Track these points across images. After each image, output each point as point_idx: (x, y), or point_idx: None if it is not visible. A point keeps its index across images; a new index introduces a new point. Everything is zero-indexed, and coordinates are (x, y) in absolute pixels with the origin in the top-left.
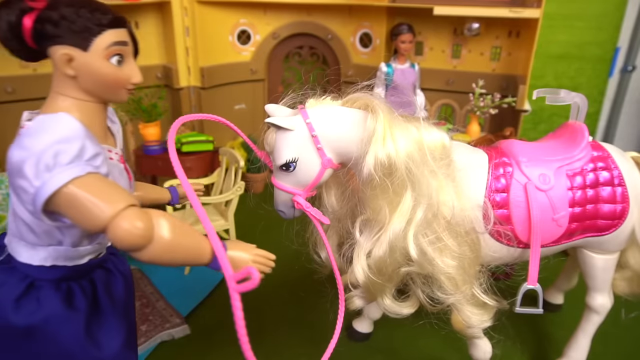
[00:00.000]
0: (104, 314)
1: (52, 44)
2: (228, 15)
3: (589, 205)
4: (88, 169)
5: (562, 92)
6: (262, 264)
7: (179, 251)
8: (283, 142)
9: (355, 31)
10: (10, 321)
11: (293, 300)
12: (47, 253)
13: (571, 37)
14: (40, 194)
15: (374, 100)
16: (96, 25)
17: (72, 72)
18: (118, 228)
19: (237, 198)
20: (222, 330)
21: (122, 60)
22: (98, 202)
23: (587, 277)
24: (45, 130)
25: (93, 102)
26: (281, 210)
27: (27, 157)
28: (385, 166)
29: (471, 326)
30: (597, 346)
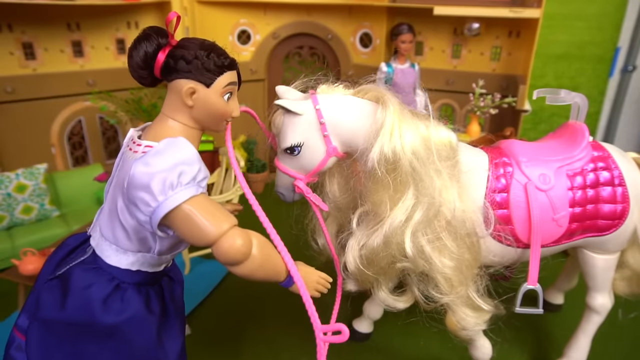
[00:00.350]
0: (170, 321)
1: (179, 77)
2: (228, 15)
3: (589, 205)
4: (200, 190)
5: (562, 92)
6: (323, 285)
7: (267, 268)
8: (290, 125)
9: (355, 31)
10: (97, 319)
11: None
12: (135, 258)
13: (571, 37)
14: (162, 208)
15: (386, 94)
16: (220, 67)
17: (192, 103)
18: (225, 244)
19: (237, 198)
20: (222, 331)
21: (230, 97)
22: (207, 221)
23: (587, 277)
24: (170, 152)
25: (197, 129)
26: (281, 193)
27: (155, 173)
28: (389, 161)
29: (465, 328)
30: (597, 346)
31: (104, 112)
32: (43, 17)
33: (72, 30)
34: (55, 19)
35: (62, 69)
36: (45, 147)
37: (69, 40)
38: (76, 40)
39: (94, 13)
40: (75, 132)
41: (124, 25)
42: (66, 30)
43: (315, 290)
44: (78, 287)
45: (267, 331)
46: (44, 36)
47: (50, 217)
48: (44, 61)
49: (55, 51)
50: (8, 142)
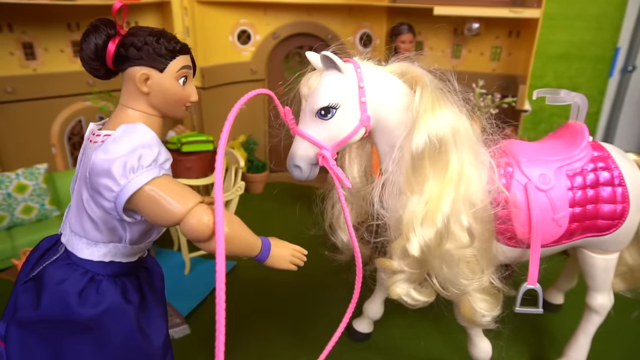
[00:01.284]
0: (150, 310)
1: (131, 65)
2: (228, 15)
3: (589, 205)
4: (163, 171)
5: (562, 92)
6: (298, 257)
7: (236, 243)
8: (329, 84)
9: (355, 31)
10: (75, 313)
11: (291, 297)
12: (107, 249)
13: (571, 37)
14: (126, 192)
15: (422, 74)
16: (171, 51)
17: (147, 90)
18: (192, 220)
19: (237, 198)
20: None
21: (185, 81)
22: (172, 200)
23: (587, 277)
24: (128, 137)
25: (157, 116)
26: (297, 166)
27: (115, 159)
28: (434, 141)
29: (483, 314)
30: (597, 346)
31: (104, 112)
32: (43, 17)
33: (72, 30)
34: (55, 19)
35: (62, 69)
36: (46, 147)
37: (69, 40)
38: (76, 40)
39: (94, 13)
40: (76, 132)
41: (124, 25)
42: (66, 30)
43: (291, 263)
44: (52, 284)
45: (267, 331)
46: (44, 36)
47: (51, 217)
48: (44, 61)
49: (55, 51)
50: (8, 142)
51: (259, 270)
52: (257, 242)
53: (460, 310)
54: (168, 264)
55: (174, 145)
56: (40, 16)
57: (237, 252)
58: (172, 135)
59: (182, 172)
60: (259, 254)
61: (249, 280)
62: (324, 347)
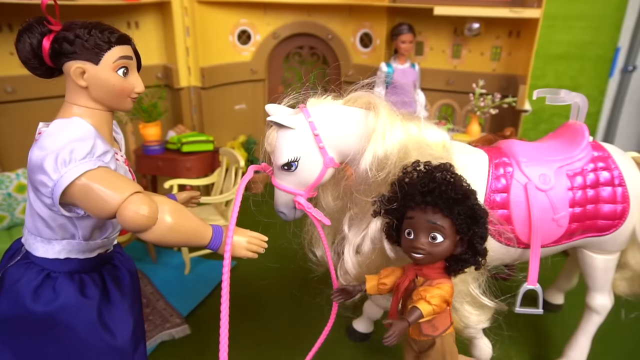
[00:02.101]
0: (114, 305)
1: (67, 60)
2: (228, 15)
3: (589, 206)
4: (99, 163)
5: (562, 92)
6: (257, 244)
7: (181, 232)
8: (284, 141)
9: (355, 31)
10: (30, 310)
11: (289, 299)
12: (61, 246)
13: (572, 37)
14: (59, 186)
15: (376, 99)
16: (106, 43)
17: (84, 84)
18: (126, 211)
19: None
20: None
21: (127, 72)
22: (108, 191)
23: (587, 278)
24: (61, 132)
25: (101, 110)
26: (282, 212)
27: (47, 154)
28: (381, 163)
29: (468, 326)
30: (597, 346)
31: None
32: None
33: None
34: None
35: None
36: None
37: None
38: None
39: (94, 13)
40: None
41: (124, 25)
42: None
43: (248, 251)
44: (9, 284)
45: (267, 331)
46: None
47: None
48: None
49: None
50: (8, 142)
51: (258, 271)
52: (205, 230)
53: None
54: (168, 264)
55: (174, 145)
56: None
57: (184, 241)
58: (172, 135)
59: (182, 172)
60: (209, 243)
61: (248, 280)
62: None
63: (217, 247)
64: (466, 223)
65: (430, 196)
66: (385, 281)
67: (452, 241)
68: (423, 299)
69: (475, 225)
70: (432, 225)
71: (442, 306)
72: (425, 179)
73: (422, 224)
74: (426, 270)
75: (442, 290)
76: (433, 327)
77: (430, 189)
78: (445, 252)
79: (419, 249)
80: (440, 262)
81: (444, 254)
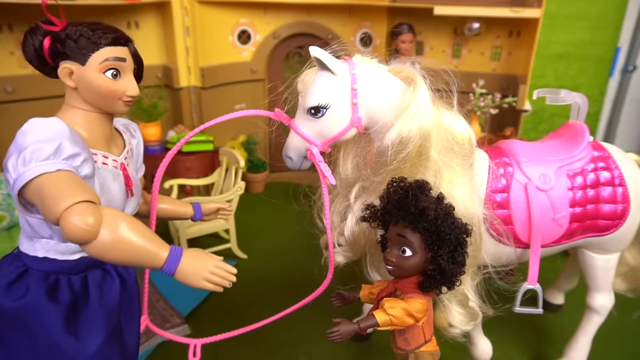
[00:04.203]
0: (91, 310)
1: (60, 60)
2: (228, 15)
3: (590, 206)
4: (60, 167)
5: (562, 92)
6: (221, 276)
7: (126, 250)
8: (321, 84)
9: (355, 31)
10: (1, 303)
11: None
12: (40, 245)
13: (572, 36)
14: (15, 185)
15: (418, 77)
16: (94, 43)
17: (72, 84)
18: (65, 221)
19: (237, 198)
20: (222, 331)
21: (117, 75)
22: (57, 196)
23: (587, 278)
24: (31, 131)
25: (94, 112)
26: (289, 157)
27: (12, 152)
28: (402, 142)
29: (453, 325)
30: (597, 346)
31: None
32: (43, 17)
33: None
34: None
35: None
36: None
37: None
38: None
39: (94, 13)
40: None
41: (124, 25)
42: None
43: (207, 281)
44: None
45: (266, 331)
46: None
47: None
48: None
49: None
50: (8, 142)
51: (258, 270)
52: (159, 251)
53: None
54: None
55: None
56: (41, 16)
57: (130, 260)
58: (172, 135)
59: (182, 172)
60: (163, 266)
61: (247, 280)
62: (321, 345)
63: (172, 271)
64: (432, 240)
65: (402, 211)
66: (373, 291)
67: (423, 257)
68: (382, 307)
69: (440, 242)
70: (401, 239)
71: (403, 319)
72: (401, 195)
73: (394, 237)
74: (401, 283)
75: (408, 304)
76: (406, 341)
77: (403, 204)
78: (414, 267)
79: (389, 260)
80: (415, 277)
81: (413, 269)
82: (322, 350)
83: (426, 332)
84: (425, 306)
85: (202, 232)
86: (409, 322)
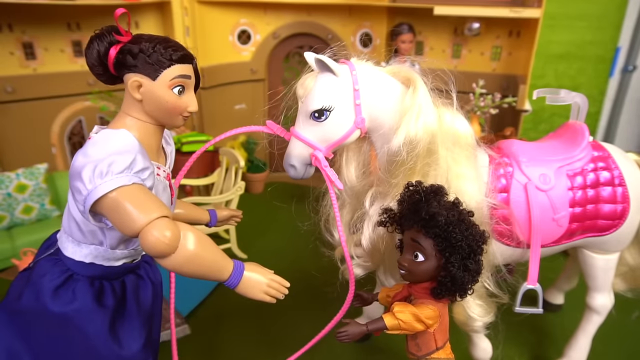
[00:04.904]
0: (129, 316)
1: (128, 72)
2: (228, 15)
3: (590, 206)
4: (134, 180)
5: (562, 92)
6: (276, 289)
7: (200, 264)
8: (324, 86)
9: (355, 31)
10: (48, 307)
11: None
12: (88, 251)
13: (572, 36)
14: (91, 196)
15: (417, 77)
16: (167, 60)
17: (139, 97)
18: (148, 234)
19: (237, 198)
20: (222, 331)
21: (182, 91)
22: (135, 210)
23: (587, 278)
24: (105, 142)
25: (152, 124)
26: (293, 165)
27: (87, 163)
28: (412, 143)
29: (473, 318)
30: (597, 346)
31: (104, 112)
32: (43, 17)
33: (72, 30)
34: (55, 19)
35: (63, 69)
36: (46, 147)
37: (69, 40)
38: (76, 40)
39: (94, 13)
40: (76, 132)
41: (124, 25)
42: (66, 30)
43: (265, 294)
44: (36, 277)
45: (267, 331)
46: (44, 36)
47: (51, 217)
48: (44, 61)
49: (55, 51)
50: (8, 142)
51: None
52: (226, 265)
53: (454, 313)
54: None
55: (174, 146)
56: (40, 16)
57: (201, 274)
58: (172, 135)
59: None
60: (228, 279)
61: None
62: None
63: (236, 284)
64: (443, 246)
65: (416, 215)
66: (390, 294)
67: (435, 263)
68: (391, 311)
69: (450, 249)
70: (414, 244)
71: (412, 324)
72: (416, 199)
73: (408, 242)
74: (414, 288)
75: (419, 310)
76: (417, 347)
77: (417, 208)
78: (426, 272)
79: (402, 265)
80: (428, 283)
81: (426, 274)
82: (322, 351)
83: (438, 339)
84: (437, 312)
85: (203, 231)
86: (418, 327)
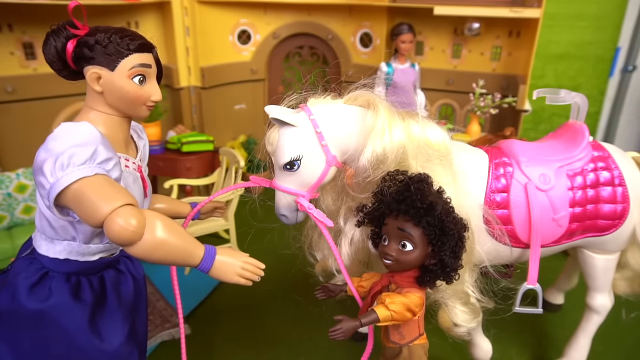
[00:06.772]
0: (110, 310)
1: (86, 64)
2: (228, 15)
3: (590, 206)
4: (97, 171)
5: (562, 92)
6: (251, 272)
7: (169, 250)
8: (286, 139)
9: (355, 31)
10: (24, 305)
11: (289, 299)
12: (62, 247)
13: (571, 37)
14: (54, 189)
15: (375, 97)
16: (124, 49)
17: (99, 89)
18: (112, 223)
19: (237, 198)
20: (222, 330)
21: (143, 80)
22: (99, 199)
23: (587, 278)
24: (65, 135)
25: (117, 115)
26: (283, 215)
27: (48, 157)
28: (379, 161)
29: (458, 324)
30: (597, 346)
31: None
32: (43, 17)
33: None
34: (55, 19)
35: None
36: None
37: None
38: None
39: (94, 13)
40: None
41: (124, 25)
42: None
43: (240, 277)
44: (12, 276)
45: (267, 331)
46: (44, 36)
47: None
48: (44, 61)
49: None
50: (8, 142)
51: None
52: (196, 250)
53: (439, 319)
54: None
55: (174, 145)
56: (40, 16)
57: (170, 260)
58: (172, 135)
59: (182, 172)
60: (199, 264)
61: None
62: (321, 347)
63: (208, 269)
64: (435, 234)
65: (403, 205)
66: (363, 284)
67: (423, 251)
68: (382, 303)
69: (443, 237)
70: (402, 233)
71: (403, 314)
72: (401, 188)
73: (394, 231)
74: (398, 278)
75: (407, 299)
76: (400, 335)
77: (404, 197)
78: (414, 261)
79: (388, 255)
80: (413, 272)
81: (413, 263)
82: (322, 350)
83: (420, 326)
84: (423, 300)
85: (203, 232)
86: (408, 316)
